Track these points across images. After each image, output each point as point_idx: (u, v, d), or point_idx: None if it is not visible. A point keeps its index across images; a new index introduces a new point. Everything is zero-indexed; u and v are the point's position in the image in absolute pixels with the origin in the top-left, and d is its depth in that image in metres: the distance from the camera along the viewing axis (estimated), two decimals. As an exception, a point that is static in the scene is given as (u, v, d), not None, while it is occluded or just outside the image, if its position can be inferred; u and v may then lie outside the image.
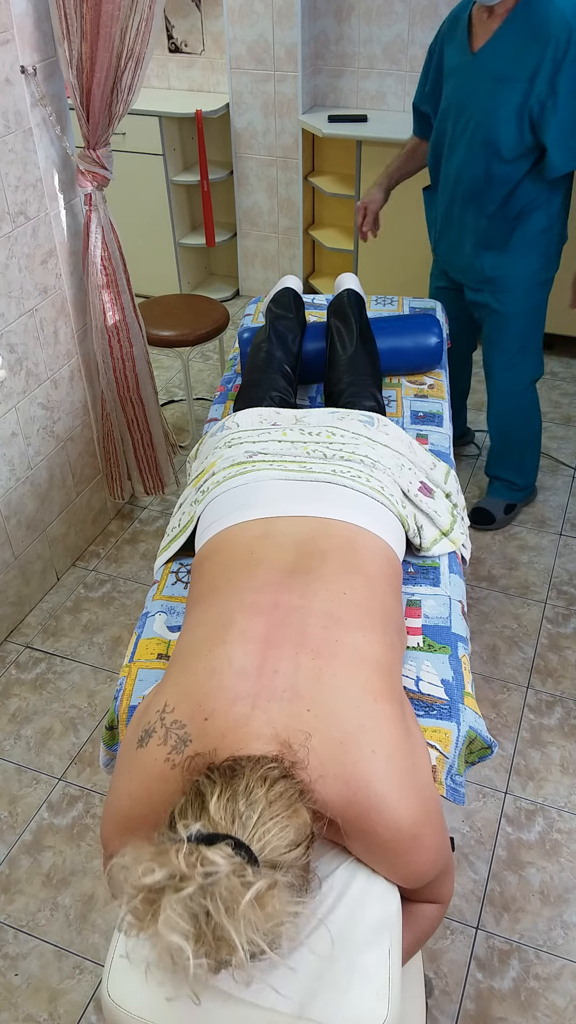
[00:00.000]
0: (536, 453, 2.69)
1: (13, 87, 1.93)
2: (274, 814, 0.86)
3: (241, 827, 0.84)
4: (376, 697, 1.05)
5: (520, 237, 2.22)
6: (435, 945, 1.70)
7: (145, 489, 2.73)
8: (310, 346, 2.08)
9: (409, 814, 1.00)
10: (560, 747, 2.06)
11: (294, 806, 0.89)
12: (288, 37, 3.41)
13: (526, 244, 2.23)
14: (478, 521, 2.71)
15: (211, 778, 0.90)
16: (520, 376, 2.48)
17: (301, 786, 0.93)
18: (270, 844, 0.84)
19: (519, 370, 2.47)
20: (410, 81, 3.53)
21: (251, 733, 0.99)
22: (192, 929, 0.75)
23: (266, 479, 1.42)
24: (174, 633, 1.45)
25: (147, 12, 1.89)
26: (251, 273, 4.17)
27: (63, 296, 2.29)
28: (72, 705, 2.21)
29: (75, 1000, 1.64)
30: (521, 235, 2.22)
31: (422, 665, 1.36)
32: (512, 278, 2.29)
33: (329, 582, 1.17)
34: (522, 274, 2.28)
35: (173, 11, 3.68)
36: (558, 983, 1.63)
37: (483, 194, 2.16)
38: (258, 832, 0.84)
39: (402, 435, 1.68)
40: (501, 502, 2.72)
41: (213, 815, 0.84)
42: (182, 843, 0.79)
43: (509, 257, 2.26)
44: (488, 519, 2.70)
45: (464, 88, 2.08)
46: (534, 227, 2.20)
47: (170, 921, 0.75)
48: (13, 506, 2.30)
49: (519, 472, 2.69)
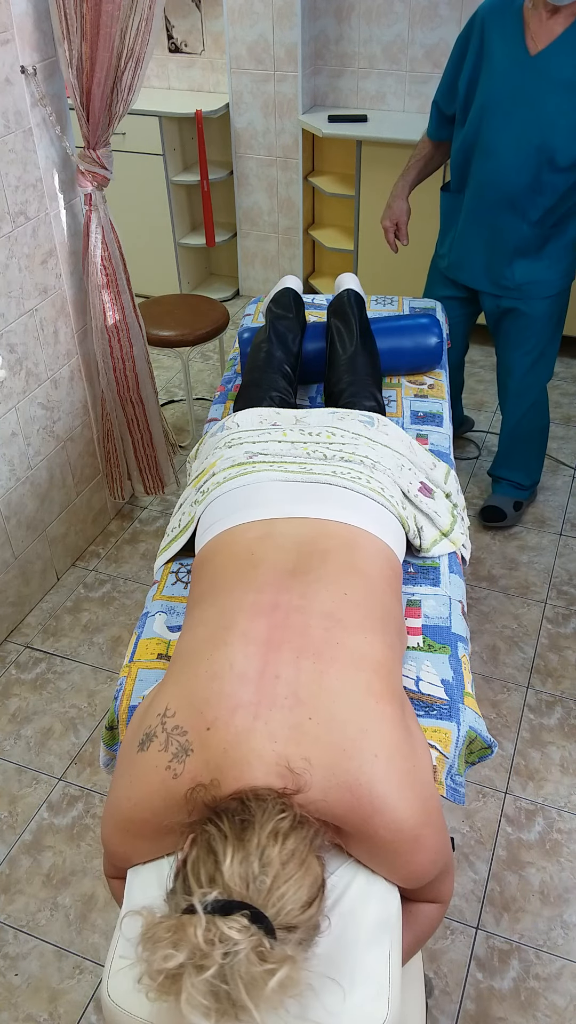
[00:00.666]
0: (542, 455, 2.69)
1: (13, 87, 1.93)
2: (288, 876, 0.86)
3: (256, 892, 0.84)
4: (377, 699, 1.05)
5: (555, 244, 2.19)
6: (435, 945, 1.70)
7: (145, 489, 2.73)
8: (310, 346, 2.08)
9: (410, 815, 1.00)
10: (560, 747, 2.06)
11: (307, 862, 0.89)
12: (288, 37, 3.41)
13: (559, 251, 2.21)
14: (489, 519, 2.70)
15: (221, 830, 0.90)
16: (537, 378, 2.48)
17: (311, 832, 0.93)
18: (285, 908, 0.85)
19: (538, 372, 2.47)
20: (410, 81, 3.53)
21: (253, 751, 0.98)
22: (214, 1005, 0.77)
23: (266, 480, 1.42)
24: (174, 633, 1.45)
25: (147, 12, 1.89)
26: (251, 273, 4.17)
27: (63, 296, 2.29)
28: (72, 705, 2.21)
29: (75, 1000, 1.64)
30: (556, 243, 2.19)
31: (422, 665, 1.36)
32: (543, 284, 2.27)
33: (329, 583, 1.17)
34: (553, 280, 2.26)
35: (173, 11, 3.68)
36: (558, 983, 1.63)
37: (527, 201, 2.10)
38: (273, 897, 0.84)
39: (402, 435, 1.68)
40: (509, 500, 2.72)
41: (228, 881, 0.85)
42: (199, 918, 0.80)
43: (542, 263, 2.23)
44: (499, 516, 2.69)
45: (519, 91, 1.98)
46: (568, 235, 2.18)
47: (192, 1001, 0.77)
48: (13, 506, 2.30)
49: (525, 473, 2.70)
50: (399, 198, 2.45)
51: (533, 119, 1.98)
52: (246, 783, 0.97)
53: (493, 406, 3.35)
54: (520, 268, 2.25)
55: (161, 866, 1.09)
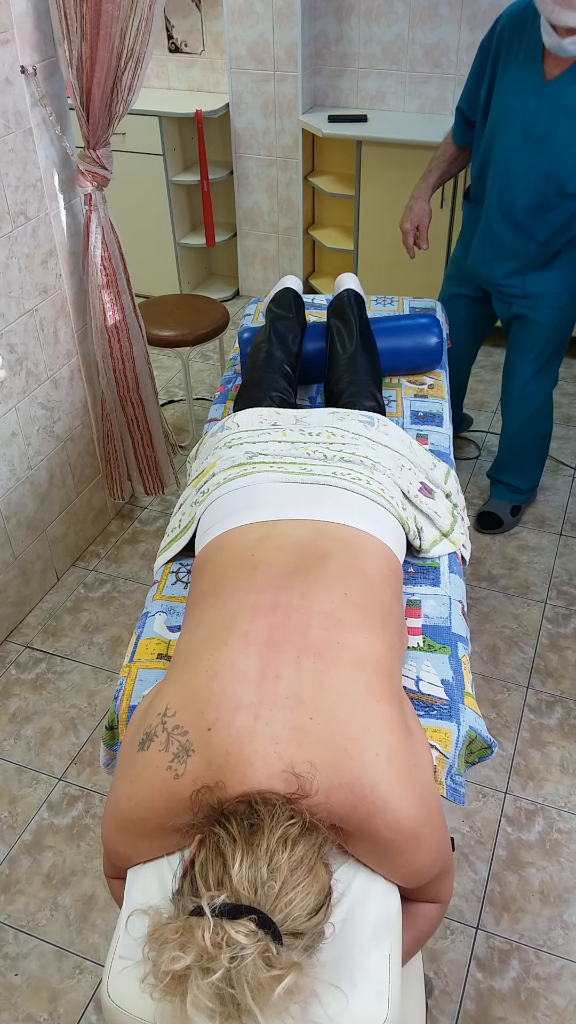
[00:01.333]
0: (543, 460, 2.69)
1: (13, 87, 1.93)
2: (296, 882, 0.87)
3: (264, 897, 0.85)
4: (378, 699, 1.05)
5: (566, 257, 2.20)
6: (435, 945, 1.70)
7: (145, 489, 2.73)
8: (310, 346, 2.08)
9: (411, 814, 1.00)
10: (560, 747, 2.06)
11: (315, 869, 0.90)
12: (288, 37, 3.41)
13: (571, 264, 2.21)
14: (486, 526, 2.71)
15: (230, 833, 0.90)
16: (540, 385, 2.48)
17: (320, 839, 0.93)
18: (292, 915, 0.85)
19: (541, 380, 2.47)
20: (410, 81, 3.53)
21: (255, 752, 0.98)
22: (219, 1008, 0.78)
23: (266, 481, 1.42)
24: (174, 633, 1.45)
25: (147, 12, 1.89)
26: (251, 273, 4.17)
27: (63, 296, 2.29)
28: (72, 705, 2.21)
29: (75, 1000, 1.64)
30: (567, 255, 2.20)
31: (422, 665, 1.36)
32: (553, 294, 2.28)
33: (330, 583, 1.17)
34: (563, 291, 2.27)
35: (173, 11, 3.68)
36: (558, 983, 1.63)
37: (535, 222, 2.13)
38: (280, 903, 0.85)
39: (402, 435, 1.68)
40: (506, 504, 2.72)
41: (236, 885, 0.85)
42: (207, 920, 0.80)
43: (552, 274, 2.24)
44: (496, 523, 2.70)
45: (533, 116, 1.99)
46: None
47: (197, 1002, 0.77)
48: (13, 506, 2.30)
49: (524, 477, 2.70)
50: (420, 200, 2.41)
51: (544, 145, 2.00)
52: (250, 785, 0.97)
53: (493, 406, 3.35)
54: (531, 279, 2.27)
55: (161, 866, 1.09)
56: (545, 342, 2.38)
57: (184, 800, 0.99)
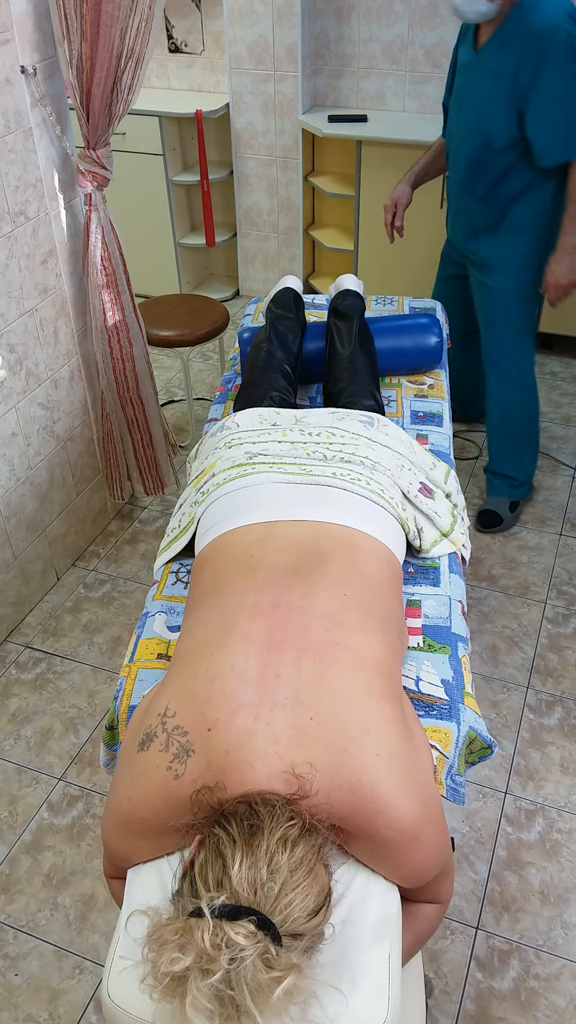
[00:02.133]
0: (534, 445, 2.70)
1: (13, 87, 1.93)
2: (296, 884, 0.87)
3: (264, 898, 0.85)
4: (378, 699, 1.05)
5: (512, 220, 2.33)
6: (435, 945, 1.70)
7: (145, 489, 2.73)
8: (310, 346, 2.08)
9: (411, 814, 1.00)
10: (560, 747, 2.06)
11: (315, 871, 0.89)
12: (288, 37, 3.41)
13: (517, 226, 2.33)
14: (486, 524, 2.71)
15: (230, 834, 0.90)
16: (515, 358, 2.53)
17: (320, 841, 0.93)
18: (292, 916, 0.85)
19: (513, 351, 2.52)
20: (410, 81, 3.53)
21: (255, 752, 0.98)
22: (219, 1009, 0.78)
23: (266, 482, 1.42)
24: (174, 633, 1.45)
25: (147, 12, 1.89)
26: (251, 273, 4.17)
27: (63, 296, 2.29)
28: (72, 705, 2.21)
29: (75, 1000, 1.64)
30: (513, 218, 2.32)
31: (422, 665, 1.36)
32: (503, 259, 2.40)
33: (330, 583, 1.17)
34: (512, 255, 2.38)
35: (173, 11, 3.68)
36: (558, 983, 1.63)
37: (475, 179, 2.31)
38: (280, 904, 0.85)
39: (402, 435, 1.68)
40: (504, 500, 2.73)
41: (236, 886, 0.85)
42: (207, 922, 0.80)
43: (501, 239, 2.37)
44: (496, 520, 2.71)
45: (467, 83, 2.25)
46: (528, 211, 2.30)
47: (197, 1004, 0.78)
48: (13, 506, 2.30)
49: (518, 465, 2.70)
50: (403, 183, 2.63)
51: (476, 105, 2.22)
52: (251, 786, 0.97)
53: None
54: (482, 242, 2.41)
55: (161, 866, 1.09)
56: (507, 314, 2.46)
57: (184, 800, 0.99)
